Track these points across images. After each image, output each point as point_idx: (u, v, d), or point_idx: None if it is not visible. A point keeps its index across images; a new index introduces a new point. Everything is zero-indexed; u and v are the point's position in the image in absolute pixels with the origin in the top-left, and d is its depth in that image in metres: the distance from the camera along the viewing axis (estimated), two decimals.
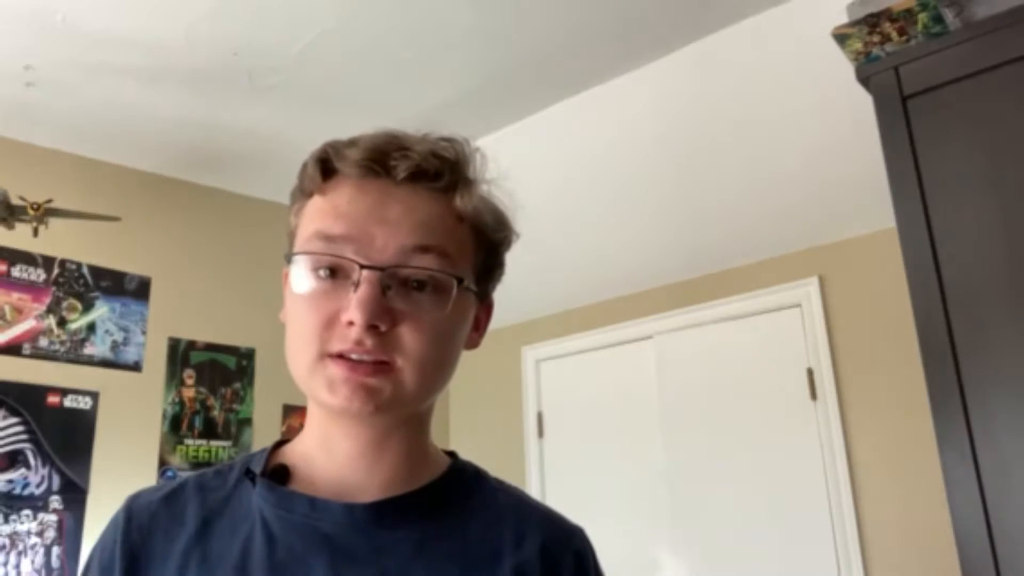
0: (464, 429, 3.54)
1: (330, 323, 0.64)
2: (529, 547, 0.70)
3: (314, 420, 0.71)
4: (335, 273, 0.65)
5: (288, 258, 0.69)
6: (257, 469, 0.71)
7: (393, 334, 0.64)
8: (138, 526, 0.68)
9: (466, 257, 0.70)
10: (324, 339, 0.64)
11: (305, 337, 0.65)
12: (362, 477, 0.69)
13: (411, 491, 0.69)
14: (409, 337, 0.64)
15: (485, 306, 0.76)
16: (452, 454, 0.77)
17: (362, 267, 0.63)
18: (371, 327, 0.62)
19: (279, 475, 0.70)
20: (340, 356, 0.64)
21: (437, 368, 0.67)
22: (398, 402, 0.65)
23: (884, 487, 2.43)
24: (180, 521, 0.68)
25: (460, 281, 0.66)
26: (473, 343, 0.75)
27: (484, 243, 0.72)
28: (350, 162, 0.68)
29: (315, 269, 0.66)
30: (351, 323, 0.63)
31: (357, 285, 0.63)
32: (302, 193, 0.71)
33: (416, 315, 0.65)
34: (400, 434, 0.70)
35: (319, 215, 0.68)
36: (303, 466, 0.70)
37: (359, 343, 0.63)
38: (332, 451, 0.69)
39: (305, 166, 0.71)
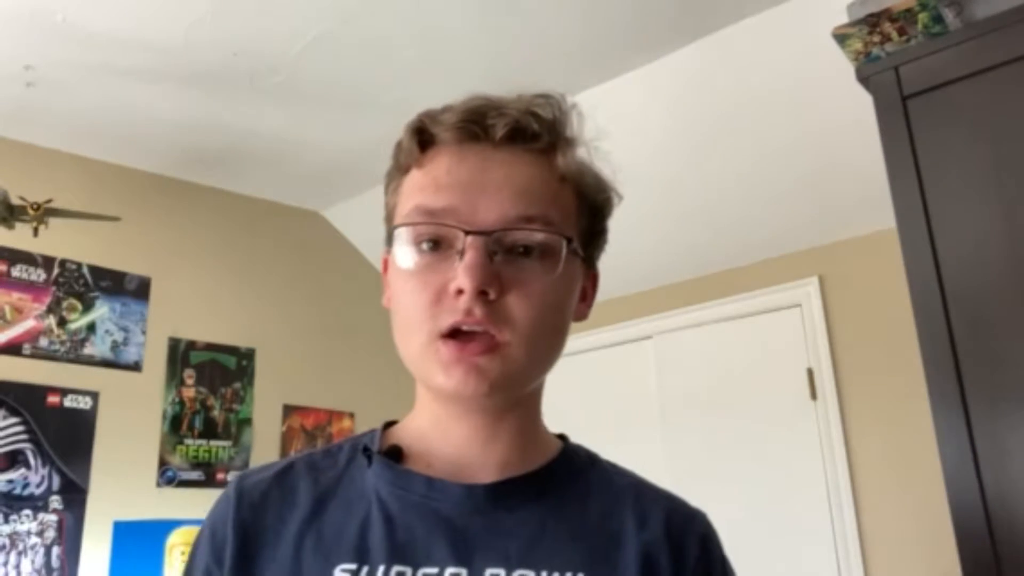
0: None
1: (438, 297, 0.62)
2: (653, 529, 0.67)
3: (424, 403, 0.70)
4: (438, 245, 0.63)
5: (388, 235, 0.67)
6: (374, 448, 0.69)
7: (501, 303, 0.62)
8: (250, 504, 0.66)
9: (570, 220, 0.67)
10: (434, 315, 0.62)
11: (415, 315, 0.63)
12: (476, 458, 0.67)
13: (529, 472, 0.67)
14: (518, 306, 0.62)
15: (591, 275, 0.73)
16: (563, 436, 0.75)
17: (467, 233, 0.61)
18: (480, 294, 0.60)
19: (393, 455, 0.68)
20: (450, 336, 0.62)
21: (547, 339, 0.65)
22: (510, 379, 0.63)
23: (884, 487, 2.43)
24: (292, 500, 0.66)
25: (569, 241, 0.64)
26: (581, 315, 0.72)
27: (587, 205, 0.69)
28: (446, 126, 0.66)
29: (418, 242, 0.64)
30: (459, 292, 0.60)
31: (462, 253, 0.61)
32: (398, 170, 0.70)
33: (524, 282, 0.62)
34: (513, 416, 0.68)
35: (418, 189, 0.66)
36: (417, 446, 0.69)
37: (469, 312, 0.60)
38: (445, 433, 0.68)
39: (399, 142, 0.69)
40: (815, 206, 2.57)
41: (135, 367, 2.84)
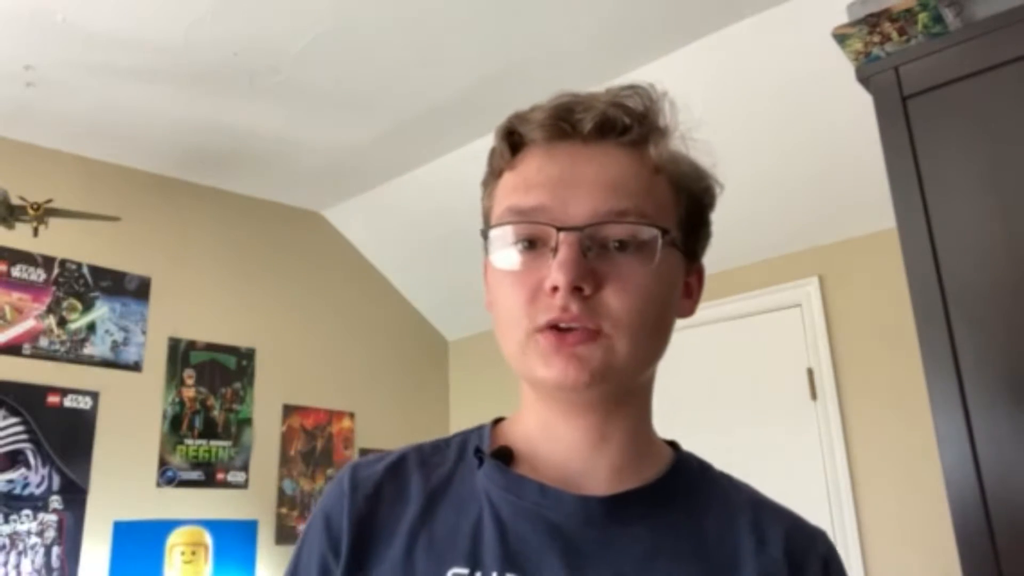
0: (465, 426, 3.54)
1: (534, 295, 0.61)
2: (772, 550, 0.65)
3: (530, 404, 0.68)
4: (533, 244, 0.62)
5: (484, 237, 0.66)
6: (485, 448, 0.68)
7: (598, 299, 0.60)
8: (365, 496, 0.66)
9: (667, 211, 0.65)
10: (531, 313, 0.61)
11: (512, 314, 0.62)
12: (586, 463, 0.65)
13: (644, 485, 0.66)
14: (615, 300, 0.60)
15: (695, 270, 0.72)
16: (673, 444, 0.74)
17: (559, 230, 0.60)
18: (575, 290, 0.59)
19: (503, 457, 0.67)
20: (548, 328, 0.61)
21: (648, 332, 0.63)
22: (611, 370, 0.61)
23: (884, 487, 2.43)
24: (405, 496, 0.66)
25: (665, 232, 0.62)
26: (686, 310, 0.70)
27: (685, 196, 0.68)
28: (535, 124, 0.65)
29: (513, 243, 0.63)
30: (555, 289, 0.60)
31: (556, 251, 0.60)
32: (492, 174, 0.69)
33: (620, 276, 0.61)
34: (621, 420, 0.67)
35: (510, 190, 0.66)
36: (525, 449, 0.67)
37: (565, 309, 0.59)
38: (553, 436, 0.66)
39: (493, 147, 0.69)
40: (815, 206, 2.57)
41: (135, 367, 2.84)
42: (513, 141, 0.67)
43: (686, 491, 0.68)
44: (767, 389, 2.72)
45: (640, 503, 0.65)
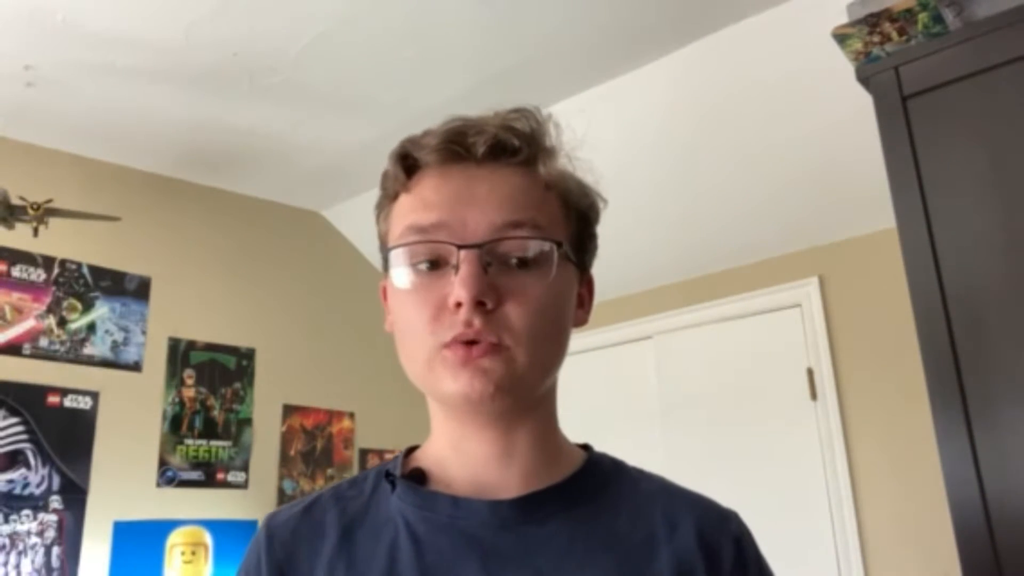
0: None
1: (438, 312, 0.63)
2: (684, 535, 0.67)
3: (439, 423, 0.71)
4: (435, 264, 0.65)
5: (384, 258, 0.68)
6: (396, 473, 0.70)
7: (500, 313, 0.63)
8: (281, 542, 0.68)
9: (559, 226, 0.68)
10: (436, 330, 0.63)
11: (417, 332, 0.64)
12: (497, 475, 0.67)
13: (554, 484, 0.67)
14: (515, 314, 0.63)
15: (586, 281, 0.74)
16: (586, 447, 0.76)
17: (460, 247, 0.63)
18: (478, 305, 0.62)
19: (416, 478, 0.69)
20: (454, 343, 0.63)
21: (546, 343, 0.66)
22: (514, 382, 0.63)
23: (884, 487, 2.43)
24: (320, 532, 0.68)
25: (559, 245, 0.66)
26: (580, 320, 0.73)
27: (573, 211, 0.71)
28: (429, 149, 0.68)
29: (414, 263, 0.65)
30: (458, 305, 0.62)
31: (458, 268, 0.62)
32: (387, 197, 0.72)
33: (520, 290, 0.64)
34: (527, 429, 0.69)
35: (408, 211, 0.68)
36: (437, 469, 0.70)
37: (469, 324, 0.62)
38: (463, 451, 0.69)
39: (386, 171, 0.71)
40: (815, 206, 2.57)
41: (135, 367, 2.84)
42: (407, 164, 0.70)
43: (599, 487, 0.70)
44: (767, 389, 2.72)
45: (552, 502, 0.67)
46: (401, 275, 0.66)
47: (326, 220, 3.54)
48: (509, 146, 0.68)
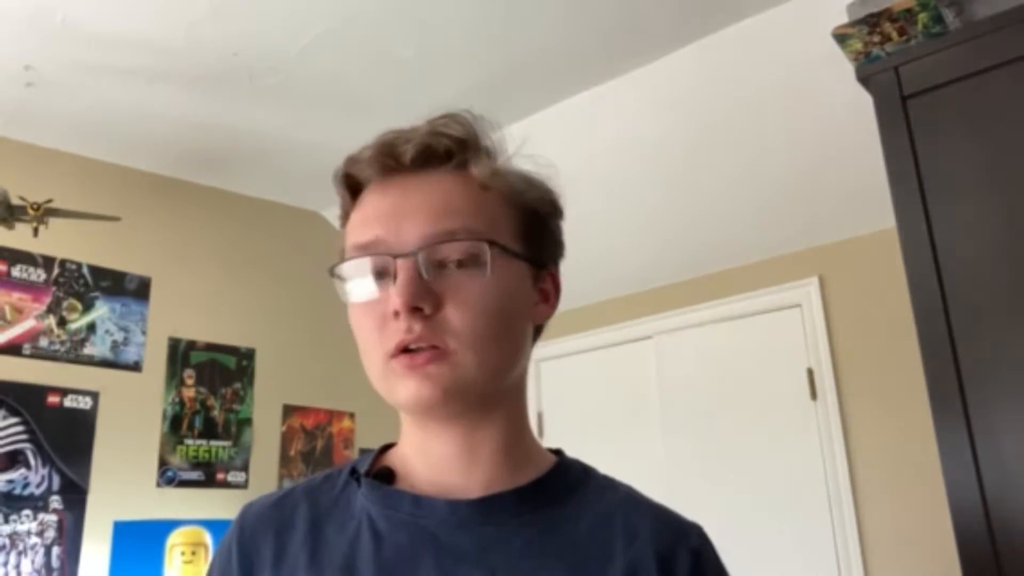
0: None
1: (383, 323, 0.65)
2: (642, 544, 0.67)
3: (406, 426, 0.72)
4: (381, 276, 0.66)
5: (333, 277, 0.70)
6: (362, 471, 0.72)
7: (440, 317, 0.64)
8: (251, 532, 0.70)
9: (499, 224, 0.68)
10: (382, 340, 0.65)
11: (368, 344, 0.67)
12: (460, 477, 0.68)
13: (516, 488, 0.68)
14: (456, 316, 0.64)
15: (548, 275, 0.74)
16: (558, 452, 0.76)
17: (394, 257, 0.64)
18: (415, 310, 0.63)
19: (384, 476, 0.71)
20: (399, 352, 0.64)
21: (493, 343, 0.66)
22: (462, 384, 0.64)
23: (884, 487, 2.43)
24: (290, 524, 0.70)
25: (492, 243, 0.66)
26: (541, 315, 0.73)
27: (519, 207, 0.71)
28: (364, 163, 0.70)
29: (357, 277, 0.67)
30: (397, 313, 0.63)
31: (395, 278, 0.64)
32: (343, 217, 0.74)
33: (458, 292, 0.64)
34: (489, 431, 0.69)
35: (352, 230, 0.70)
36: (403, 469, 0.71)
37: (409, 330, 0.63)
38: (425, 452, 0.70)
39: (337, 192, 0.73)
40: (815, 206, 2.57)
41: (135, 367, 2.84)
42: (351, 183, 0.72)
43: (563, 493, 0.70)
44: (767, 389, 2.72)
45: (512, 505, 0.67)
46: (347, 289, 0.68)
47: (326, 220, 3.54)
48: (439, 151, 0.69)
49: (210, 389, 3.00)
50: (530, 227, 0.71)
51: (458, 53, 2.35)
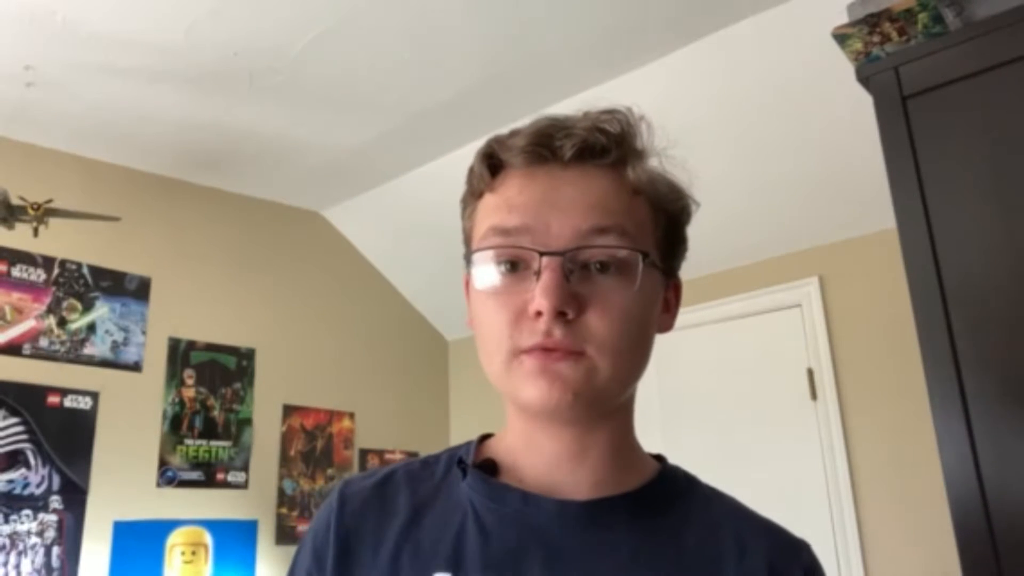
0: (465, 428, 3.54)
1: (518, 318, 0.62)
2: (753, 560, 0.66)
3: (513, 419, 0.70)
4: (516, 266, 0.64)
5: (467, 259, 0.68)
6: (468, 461, 0.70)
7: (581, 321, 0.61)
8: (351, 511, 0.68)
9: (646, 232, 0.67)
10: (514, 336, 0.62)
11: (496, 336, 0.64)
12: (568, 475, 0.67)
13: (625, 492, 0.67)
14: (598, 323, 0.61)
15: (673, 285, 0.72)
16: (660, 458, 0.74)
17: (542, 254, 0.62)
18: (559, 315, 0.60)
19: (488, 469, 0.69)
20: (533, 349, 0.62)
21: (630, 353, 0.64)
22: (594, 391, 0.62)
23: (884, 487, 2.43)
24: (392, 509, 0.68)
25: (645, 255, 0.64)
26: (665, 325, 0.71)
27: (663, 215, 0.69)
28: (515, 150, 0.66)
29: (496, 264, 0.64)
30: (539, 313, 0.60)
31: (539, 274, 0.61)
32: (472, 195, 0.70)
33: (603, 298, 0.62)
34: (603, 433, 0.67)
35: (492, 211, 0.67)
36: (509, 461, 0.69)
37: (549, 334, 0.60)
38: (535, 449, 0.68)
39: (472, 168, 0.70)
40: (815, 206, 2.58)
41: (135, 367, 2.84)
42: (492, 164, 0.68)
43: (669, 501, 0.69)
44: (767, 389, 2.72)
45: (621, 510, 0.66)
46: (482, 276, 0.65)
47: (326, 220, 3.54)
48: (597, 148, 0.66)
49: (210, 389, 3.00)
50: (669, 236, 0.70)
51: (457, 54, 2.35)
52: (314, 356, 3.31)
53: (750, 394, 2.75)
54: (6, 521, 2.44)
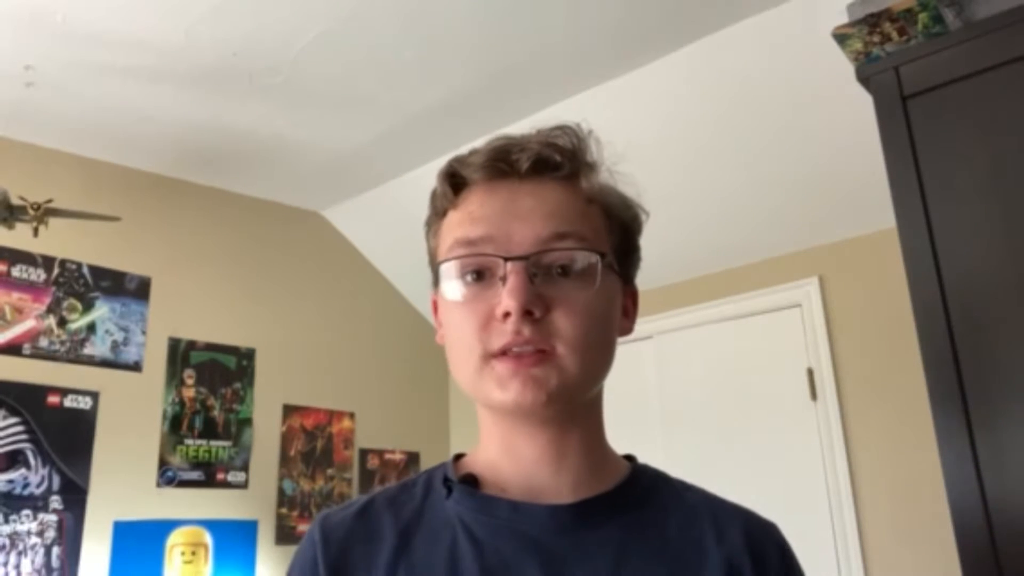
0: (465, 428, 3.54)
1: (487, 322, 0.65)
2: (732, 542, 0.70)
3: (490, 429, 0.72)
4: (482, 275, 0.67)
5: (434, 273, 0.71)
6: (452, 478, 0.72)
7: (548, 321, 0.65)
8: (336, 543, 0.69)
9: (602, 238, 0.71)
10: (484, 340, 0.65)
11: (466, 342, 0.67)
12: (549, 480, 0.69)
13: (606, 491, 0.70)
14: (564, 321, 0.65)
15: (630, 292, 0.76)
16: (630, 457, 0.78)
17: (506, 260, 0.65)
18: (526, 314, 0.64)
19: (470, 483, 0.71)
20: (503, 353, 0.65)
21: (596, 350, 0.68)
22: (566, 389, 0.66)
23: (884, 487, 2.43)
24: (378, 536, 0.69)
25: (603, 256, 0.68)
26: (625, 330, 0.75)
27: (616, 223, 0.73)
28: (475, 167, 0.70)
29: (462, 275, 0.68)
30: (507, 315, 0.64)
31: (505, 279, 0.65)
32: (436, 214, 0.74)
33: (566, 298, 0.66)
34: (577, 433, 0.71)
35: (456, 225, 0.70)
36: (489, 474, 0.71)
37: (518, 333, 0.64)
38: (515, 456, 0.70)
39: (434, 190, 0.74)
40: (815, 206, 2.58)
41: (135, 367, 2.84)
42: (455, 182, 0.72)
43: (646, 495, 0.73)
44: (767, 389, 2.72)
45: (606, 508, 0.69)
46: (451, 288, 0.68)
47: (326, 220, 3.54)
48: (551, 162, 0.70)
49: (210, 389, 3.00)
50: (623, 244, 0.74)
51: (458, 53, 2.35)
52: (314, 356, 3.31)
53: (750, 394, 2.75)
54: (6, 521, 2.44)
